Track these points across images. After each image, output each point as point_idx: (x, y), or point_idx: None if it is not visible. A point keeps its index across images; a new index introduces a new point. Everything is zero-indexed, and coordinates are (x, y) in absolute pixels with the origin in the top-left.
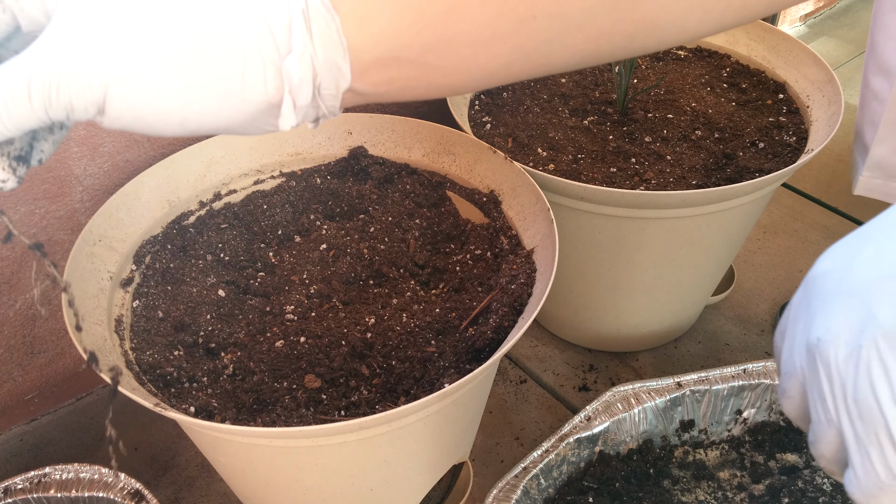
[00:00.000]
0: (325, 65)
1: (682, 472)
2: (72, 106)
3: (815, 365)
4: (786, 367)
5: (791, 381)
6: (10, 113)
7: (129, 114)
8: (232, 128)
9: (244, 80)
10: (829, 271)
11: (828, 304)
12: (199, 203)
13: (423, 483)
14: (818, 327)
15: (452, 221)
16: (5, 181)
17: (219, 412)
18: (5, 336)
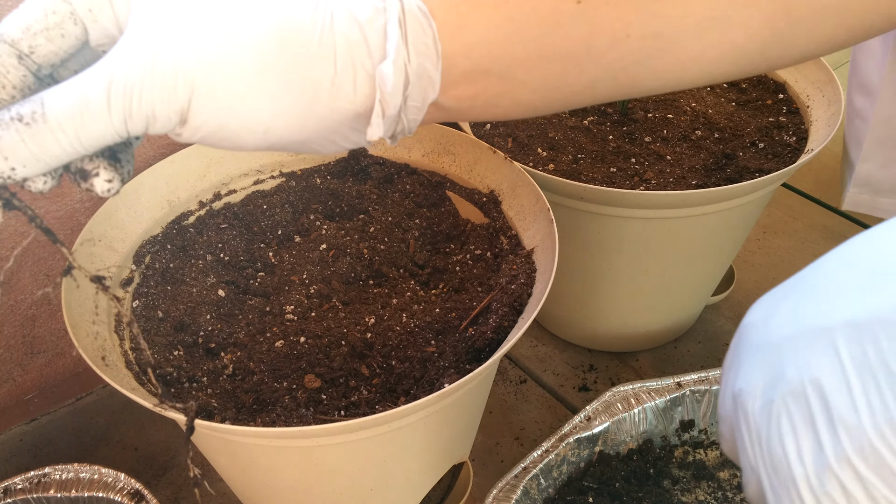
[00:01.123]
0: (417, 73)
1: (682, 472)
2: (154, 115)
3: (737, 414)
4: (720, 412)
5: (724, 425)
6: (87, 127)
7: (213, 122)
8: (312, 140)
9: (333, 86)
10: (753, 323)
11: (749, 356)
12: (198, 203)
13: (423, 483)
14: (741, 379)
15: (452, 221)
16: (111, 181)
17: (219, 412)
18: (5, 336)
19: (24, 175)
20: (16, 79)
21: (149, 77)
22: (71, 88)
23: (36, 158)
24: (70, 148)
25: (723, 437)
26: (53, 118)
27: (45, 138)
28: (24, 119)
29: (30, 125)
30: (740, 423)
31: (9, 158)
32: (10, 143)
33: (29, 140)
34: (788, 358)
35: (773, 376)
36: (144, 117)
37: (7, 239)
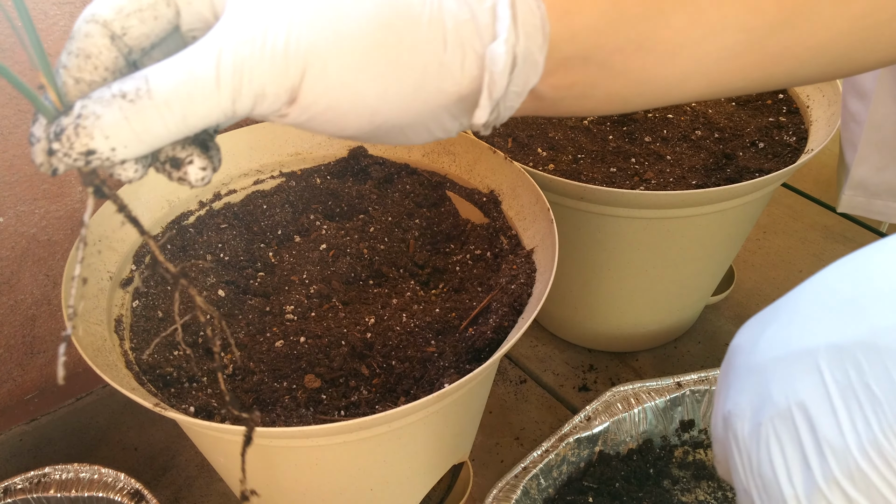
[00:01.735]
0: (523, 56)
1: (682, 472)
2: (264, 93)
3: (728, 436)
4: (713, 434)
5: (717, 447)
6: (194, 105)
7: (323, 102)
8: (411, 125)
9: (441, 67)
10: (740, 346)
11: (737, 379)
12: (198, 203)
13: (423, 483)
14: (730, 401)
15: (452, 221)
16: (205, 169)
17: (219, 412)
18: (5, 336)
19: (124, 156)
20: (108, 60)
21: (259, 54)
22: (177, 65)
23: (138, 139)
24: (174, 128)
25: (717, 459)
26: (160, 95)
27: (150, 116)
28: (129, 96)
29: (134, 102)
30: (731, 445)
31: (110, 138)
32: (113, 122)
33: (133, 118)
34: (774, 380)
35: (761, 399)
36: (254, 95)
37: (7, 239)
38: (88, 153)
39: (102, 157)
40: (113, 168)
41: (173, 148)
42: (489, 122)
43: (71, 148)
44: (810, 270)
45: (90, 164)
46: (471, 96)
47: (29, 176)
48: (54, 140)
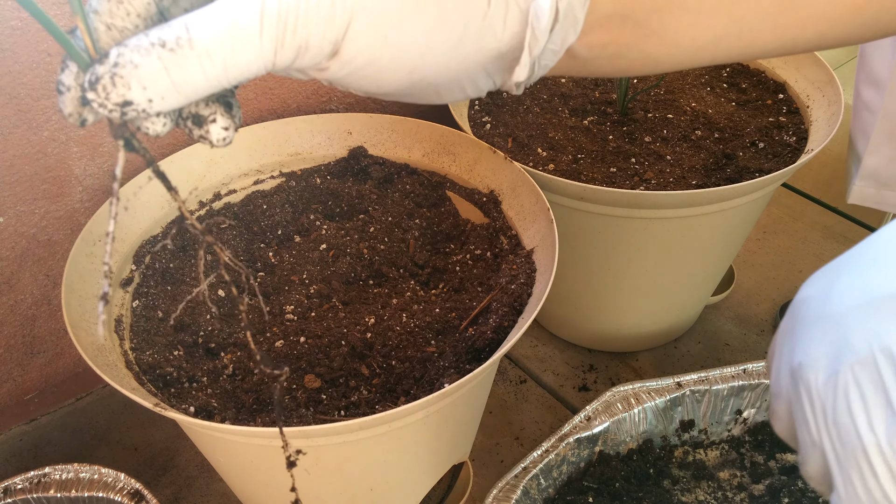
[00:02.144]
0: (564, 13)
1: (682, 472)
2: (307, 44)
3: (798, 389)
4: (774, 389)
5: (779, 402)
6: (236, 55)
7: (365, 56)
8: (448, 83)
9: (484, 21)
10: (810, 297)
11: (808, 329)
12: (198, 203)
13: (423, 483)
14: (800, 352)
15: (452, 221)
16: (227, 129)
17: (219, 412)
18: (5, 336)
19: (160, 108)
20: (140, 6)
21: (305, 4)
22: (219, 14)
23: (177, 90)
24: (214, 79)
25: (776, 416)
26: (201, 44)
27: (191, 67)
28: (168, 45)
29: (174, 51)
30: (801, 397)
31: (148, 88)
32: (151, 72)
33: (173, 68)
34: (854, 328)
35: (838, 347)
36: (296, 47)
37: (7, 239)
38: (125, 104)
39: (139, 109)
40: (143, 121)
41: (197, 104)
42: (525, 81)
43: (107, 98)
44: (810, 270)
45: (125, 115)
46: (509, 53)
47: (29, 176)
48: (89, 89)
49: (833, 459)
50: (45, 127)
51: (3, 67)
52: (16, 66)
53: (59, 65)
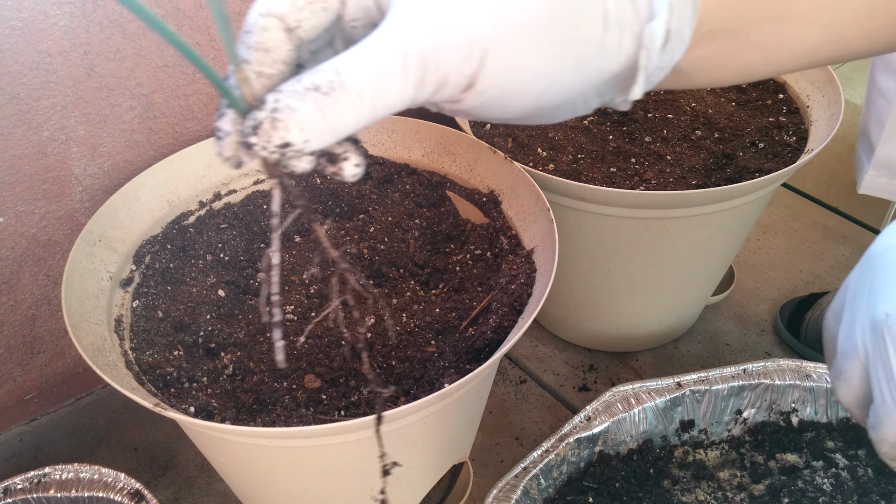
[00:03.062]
0: (674, 32)
1: (682, 472)
2: (446, 80)
3: (882, 342)
4: (844, 348)
5: (851, 362)
6: (383, 94)
7: (498, 86)
8: (565, 104)
9: (601, 46)
10: (890, 248)
11: (892, 279)
12: (198, 203)
13: (423, 483)
14: (887, 303)
15: (452, 221)
16: (358, 165)
17: (219, 412)
18: (5, 336)
19: (314, 147)
20: (285, 53)
21: (443, 42)
22: (366, 56)
23: (330, 130)
24: (363, 117)
25: (844, 378)
26: (353, 86)
27: (343, 108)
28: (322, 88)
29: (328, 94)
30: (887, 350)
31: (305, 130)
32: (308, 115)
33: (327, 110)
34: None
35: None
36: (436, 83)
37: (7, 239)
38: (284, 146)
39: (296, 149)
40: (294, 160)
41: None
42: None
43: (268, 141)
44: (810, 270)
45: (284, 155)
46: (622, 73)
47: (29, 176)
48: (251, 134)
49: None
50: (45, 127)
51: (3, 67)
52: (16, 66)
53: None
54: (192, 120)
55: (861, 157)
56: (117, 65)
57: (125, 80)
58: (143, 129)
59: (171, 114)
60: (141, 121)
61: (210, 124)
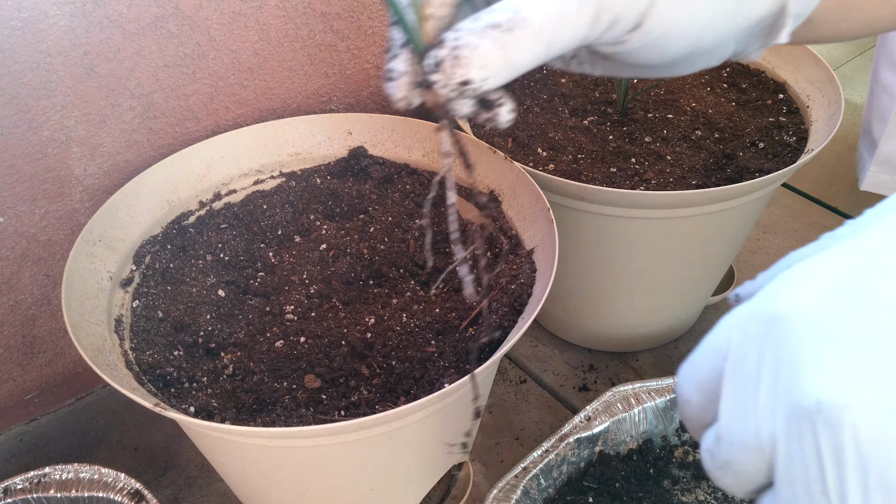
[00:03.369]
0: None
1: (682, 472)
2: (618, 18)
3: (809, 436)
4: (734, 436)
5: (746, 453)
6: (560, 32)
7: (662, 27)
8: (718, 49)
9: None
10: (821, 306)
11: (831, 353)
12: (198, 203)
13: (423, 483)
14: (818, 386)
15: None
16: (512, 111)
17: (219, 412)
18: (5, 336)
19: (492, 85)
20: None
21: None
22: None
23: (508, 67)
24: (539, 55)
25: (735, 471)
26: (533, 23)
27: (523, 45)
28: (503, 26)
29: (509, 31)
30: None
31: (485, 67)
32: (488, 51)
33: (508, 46)
34: None
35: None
36: (609, 21)
37: (7, 239)
38: (464, 83)
39: (475, 87)
40: (458, 102)
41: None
42: (775, 41)
43: (450, 78)
44: None
45: (463, 93)
46: (767, 18)
47: (29, 176)
48: (433, 71)
49: None
50: (45, 127)
51: (3, 67)
52: (16, 66)
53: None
54: (192, 120)
55: (863, 154)
56: (117, 65)
57: (125, 80)
58: (143, 129)
59: (171, 114)
60: (141, 121)
61: (210, 124)
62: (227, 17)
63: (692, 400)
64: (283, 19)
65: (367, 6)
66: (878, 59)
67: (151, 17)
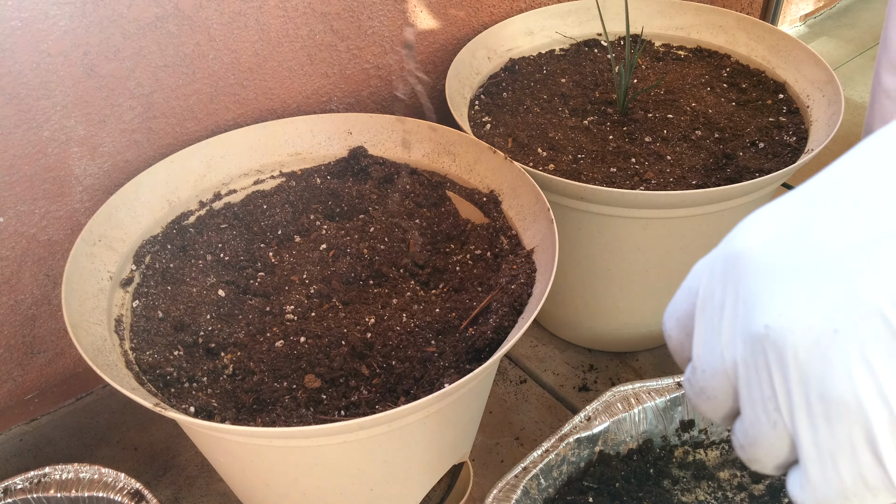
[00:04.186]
0: None
1: (682, 472)
2: None
3: (761, 358)
4: (705, 364)
5: (715, 379)
6: None
7: None
8: None
9: None
10: (769, 245)
11: (777, 284)
12: (199, 203)
13: (423, 483)
14: (766, 313)
15: (452, 221)
16: None
17: (219, 412)
18: (5, 336)
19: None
20: None
21: None
22: None
23: None
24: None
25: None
26: None
27: None
28: None
29: None
30: (767, 367)
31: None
32: None
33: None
34: (861, 276)
35: (835, 302)
36: None
37: (7, 239)
38: None
39: None
40: None
41: None
42: None
43: None
44: None
45: None
46: None
47: (29, 176)
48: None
49: (808, 440)
50: (45, 127)
51: (3, 67)
52: (16, 66)
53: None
54: (192, 120)
55: None
56: (117, 65)
57: (125, 80)
58: (143, 129)
59: (171, 114)
60: (141, 121)
61: (210, 124)
62: (227, 17)
63: (673, 335)
64: (283, 19)
65: (367, 6)
66: (879, 61)
67: (151, 17)
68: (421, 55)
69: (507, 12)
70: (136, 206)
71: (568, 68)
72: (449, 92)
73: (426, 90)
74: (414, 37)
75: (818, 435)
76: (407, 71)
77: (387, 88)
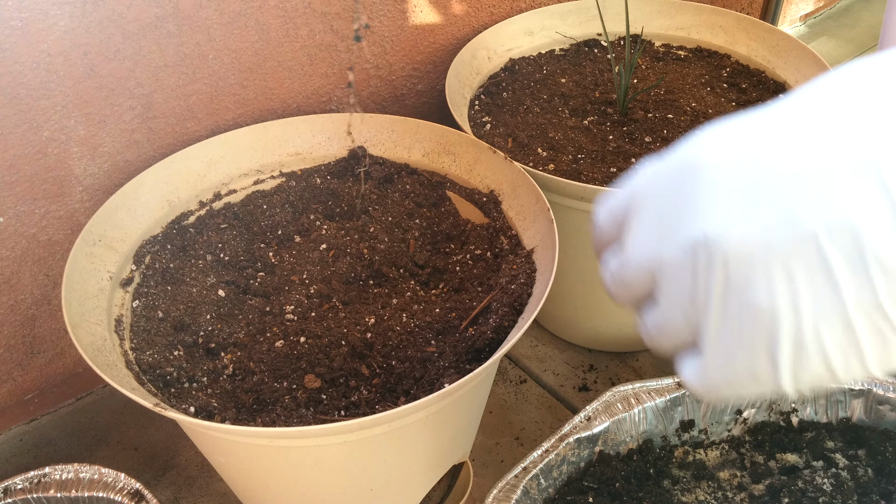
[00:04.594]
0: None
1: (682, 472)
2: None
3: (690, 259)
4: (636, 257)
5: (640, 272)
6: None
7: None
8: None
9: None
10: (724, 160)
11: (722, 196)
12: (199, 203)
13: (423, 483)
14: (707, 221)
15: (452, 221)
16: None
17: (219, 412)
18: (5, 336)
19: None
20: None
21: None
22: None
23: None
24: None
25: (627, 284)
26: None
27: None
28: None
29: None
30: (697, 272)
31: None
32: None
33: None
34: (800, 199)
35: (773, 219)
36: None
37: (7, 239)
38: None
39: None
40: None
41: None
42: None
43: None
44: None
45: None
46: None
47: (29, 176)
48: None
49: (713, 335)
50: (45, 127)
51: (3, 67)
52: (16, 66)
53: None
54: (192, 120)
55: None
56: (117, 65)
57: (125, 80)
58: (143, 129)
59: (171, 114)
60: (141, 121)
61: (210, 124)
62: (227, 17)
63: (605, 227)
64: (283, 19)
65: (367, 6)
66: None
67: (151, 17)
68: (421, 55)
69: (507, 12)
70: (136, 206)
71: (568, 68)
72: (449, 92)
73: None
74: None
75: (725, 332)
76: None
77: (387, 88)
